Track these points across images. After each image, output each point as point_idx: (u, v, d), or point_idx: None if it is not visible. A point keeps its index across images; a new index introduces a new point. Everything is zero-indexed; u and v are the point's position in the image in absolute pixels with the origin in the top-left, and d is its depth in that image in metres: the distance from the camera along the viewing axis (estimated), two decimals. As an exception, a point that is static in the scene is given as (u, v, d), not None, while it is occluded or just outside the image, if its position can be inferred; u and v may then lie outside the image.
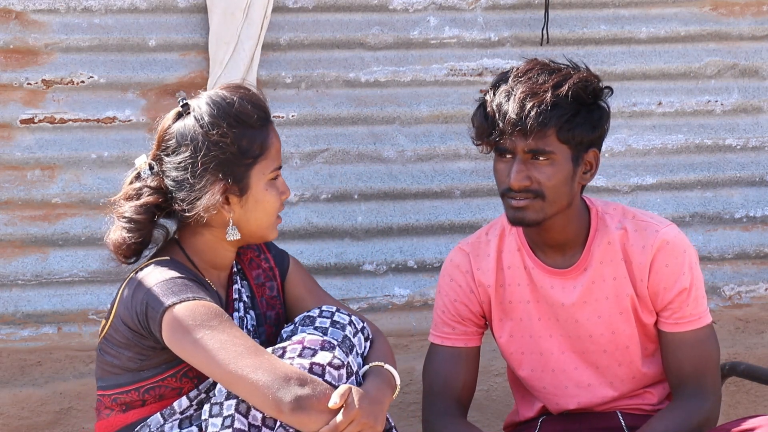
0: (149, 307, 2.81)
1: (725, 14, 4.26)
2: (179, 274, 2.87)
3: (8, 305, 3.93)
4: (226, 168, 2.89)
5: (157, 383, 2.88)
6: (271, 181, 2.95)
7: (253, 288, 3.10)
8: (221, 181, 2.89)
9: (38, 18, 3.92)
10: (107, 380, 2.94)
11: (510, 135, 3.00)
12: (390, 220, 4.12)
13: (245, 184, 2.91)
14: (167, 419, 2.87)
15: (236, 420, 2.75)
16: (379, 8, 4.10)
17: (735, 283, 4.27)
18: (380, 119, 4.11)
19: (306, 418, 2.70)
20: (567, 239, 3.15)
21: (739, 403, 4.23)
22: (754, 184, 4.28)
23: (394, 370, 2.93)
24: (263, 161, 2.92)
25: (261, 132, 2.93)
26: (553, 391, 3.24)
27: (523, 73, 3.05)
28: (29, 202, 3.94)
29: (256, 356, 2.74)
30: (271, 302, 3.11)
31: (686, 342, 3.13)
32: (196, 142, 2.88)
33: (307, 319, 2.94)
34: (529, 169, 3.01)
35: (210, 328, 2.77)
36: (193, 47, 3.99)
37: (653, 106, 4.23)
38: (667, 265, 3.12)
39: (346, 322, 2.94)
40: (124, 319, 2.87)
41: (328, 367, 2.78)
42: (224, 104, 2.91)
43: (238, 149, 2.89)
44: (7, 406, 3.91)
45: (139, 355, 2.88)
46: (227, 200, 2.92)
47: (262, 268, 3.13)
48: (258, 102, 2.96)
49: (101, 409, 2.96)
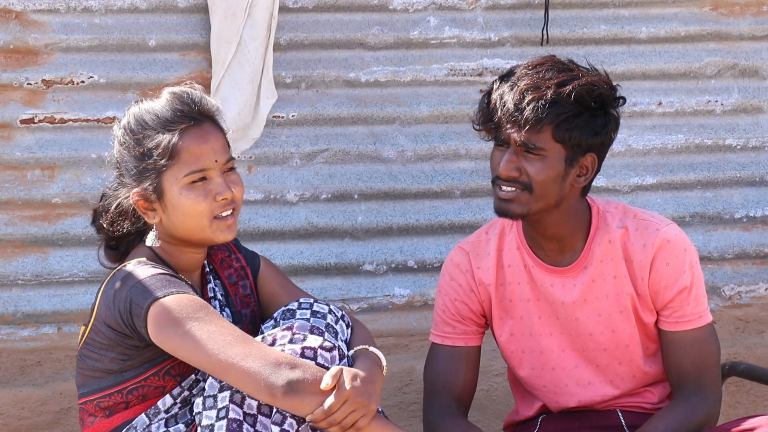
0: (133, 304, 2.81)
1: (725, 14, 4.26)
2: (159, 270, 2.87)
3: (8, 305, 3.93)
4: (137, 174, 2.91)
5: (140, 383, 2.88)
6: (190, 185, 2.90)
7: (227, 286, 3.11)
8: (134, 186, 2.92)
9: (38, 18, 3.92)
10: (89, 386, 2.93)
11: (506, 125, 3.01)
12: (390, 220, 4.12)
13: (159, 189, 2.91)
14: (152, 419, 2.87)
15: (231, 410, 2.75)
16: (379, 8, 4.10)
17: (735, 283, 4.27)
18: (380, 119, 4.11)
19: (299, 401, 2.71)
20: (565, 236, 3.14)
21: (739, 403, 4.23)
22: (754, 184, 4.28)
23: (379, 352, 2.93)
24: (174, 166, 2.89)
25: (170, 136, 2.88)
26: (553, 389, 3.24)
27: (533, 67, 3.05)
28: (29, 202, 3.94)
29: (245, 344, 2.75)
30: (245, 300, 3.11)
31: (686, 341, 3.13)
32: (118, 153, 2.96)
33: (287, 312, 2.94)
34: (520, 160, 3.01)
35: (197, 320, 2.77)
36: (194, 47, 3.99)
37: (653, 106, 4.24)
38: (668, 264, 3.12)
39: (326, 311, 2.94)
40: (106, 320, 2.86)
41: (319, 350, 2.79)
42: (138, 112, 2.94)
43: (143, 154, 2.90)
44: (7, 406, 3.91)
45: (122, 355, 2.87)
46: (151, 207, 2.93)
47: (233, 267, 3.13)
48: (177, 106, 2.92)
49: (85, 418, 2.95)
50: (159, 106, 2.92)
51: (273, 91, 3.97)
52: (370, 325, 3.77)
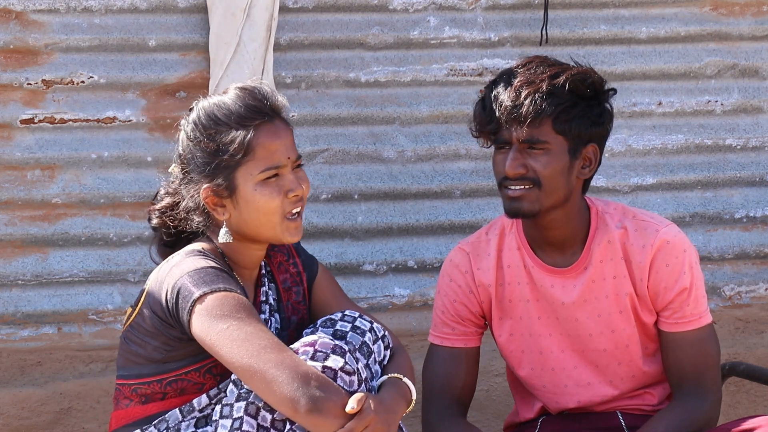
0: (180, 296, 2.80)
1: (725, 14, 4.26)
2: (211, 264, 2.85)
3: (8, 305, 3.93)
4: (211, 171, 2.88)
5: (180, 376, 2.87)
6: (264, 181, 2.89)
7: (281, 291, 3.09)
8: (204, 183, 2.89)
9: (38, 18, 3.92)
10: (130, 369, 2.91)
11: (506, 124, 3.01)
12: (390, 220, 4.12)
13: (232, 185, 2.89)
14: (185, 416, 2.86)
15: (245, 422, 2.75)
16: (379, 8, 4.10)
17: (735, 283, 4.27)
18: (380, 119, 4.11)
19: (321, 420, 2.70)
20: (567, 237, 3.15)
21: (739, 403, 4.23)
22: (754, 184, 4.28)
23: (411, 384, 2.92)
24: (249, 162, 2.88)
25: (244, 132, 2.87)
26: (552, 389, 3.24)
27: (523, 66, 3.07)
28: (29, 202, 3.94)
29: (279, 352, 2.73)
30: (297, 307, 3.10)
31: (686, 342, 3.13)
32: (186, 149, 2.92)
33: (329, 321, 2.93)
34: (524, 158, 3.02)
35: (237, 320, 2.76)
36: (193, 47, 3.99)
37: (653, 106, 4.24)
38: (668, 265, 3.12)
39: (366, 329, 2.92)
40: (153, 307, 2.85)
41: (340, 372, 2.77)
42: (209, 107, 2.91)
43: (216, 150, 2.88)
44: (7, 406, 3.91)
45: (166, 345, 2.86)
46: (221, 203, 2.91)
47: (290, 272, 3.12)
48: (250, 102, 2.91)
49: (120, 399, 2.94)
50: (230, 102, 2.90)
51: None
52: (370, 325, 3.77)
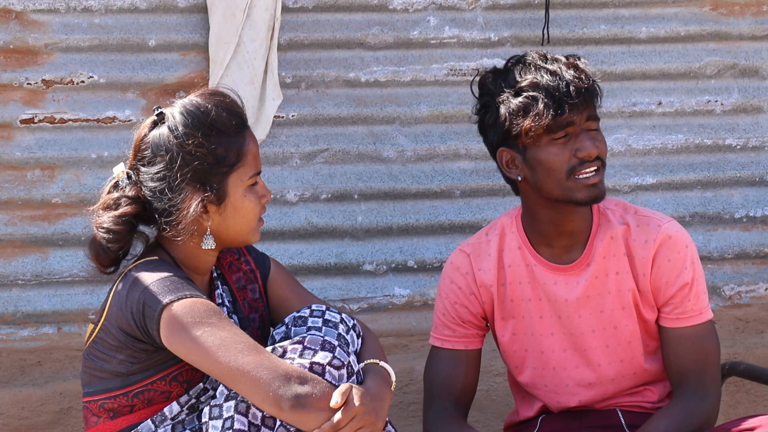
0: (146, 306, 2.80)
1: (725, 14, 4.26)
2: (172, 273, 2.85)
3: (8, 305, 3.93)
4: (203, 177, 2.88)
5: (146, 387, 2.87)
6: (250, 186, 2.92)
7: (234, 292, 3.09)
8: (198, 191, 2.88)
9: (38, 18, 3.92)
10: (95, 385, 2.92)
11: (579, 103, 3.00)
12: (390, 220, 4.12)
13: (223, 193, 2.89)
14: (158, 425, 2.87)
15: (236, 421, 2.75)
16: (379, 8, 4.10)
17: (735, 283, 4.27)
18: (380, 119, 4.11)
19: (306, 416, 2.71)
20: (578, 230, 3.13)
21: (739, 403, 4.23)
22: (754, 184, 4.28)
23: (389, 366, 2.93)
24: (240, 168, 2.90)
25: (237, 139, 2.90)
26: (554, 389, 3.24)
27: (540, 57, 3.11)
28: (29, 202, 3.94)
29: (257, 354, 2.74)
30: (254, 304, 3.10)
31: (687, 337, 3.13)
32: (171, 153, 2.87)
33: (299, 319, 2.93)
34: (595, 135, 3.05)
35: (210, 325, 2.76)
36: (193, 47, 3.99)
37: (653, 106, 4.24)
38: (669, 260, 3.12)
39: (337, 321, 2.93)
40: (117, 322, 2.85)
41: (328, 367, 2.78)
42: (198, 113, 2.89)
43: (214, 159, 2.87)
44: (7, 406, 3.91)
45: (131, 358, 2.86)
46: (205, 209, 2.90)
47: (242, 270, 3.12)
48: (233, 108, 2.93)
49: (88, 417, 2.94)
50: (212, 109, 2.89)
51: (278, 93, 3.97)
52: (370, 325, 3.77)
